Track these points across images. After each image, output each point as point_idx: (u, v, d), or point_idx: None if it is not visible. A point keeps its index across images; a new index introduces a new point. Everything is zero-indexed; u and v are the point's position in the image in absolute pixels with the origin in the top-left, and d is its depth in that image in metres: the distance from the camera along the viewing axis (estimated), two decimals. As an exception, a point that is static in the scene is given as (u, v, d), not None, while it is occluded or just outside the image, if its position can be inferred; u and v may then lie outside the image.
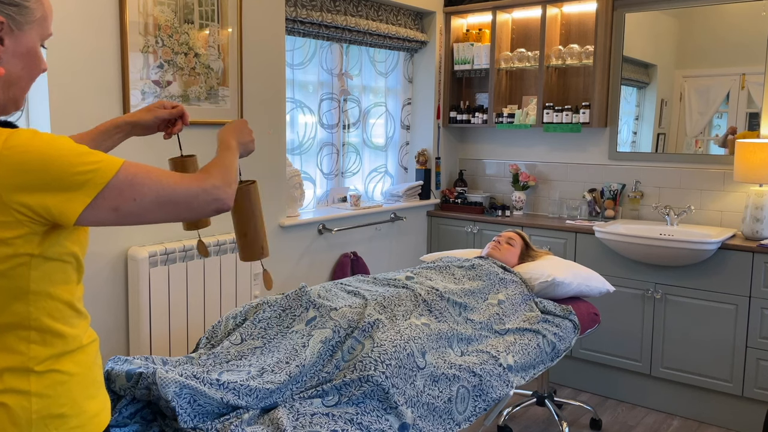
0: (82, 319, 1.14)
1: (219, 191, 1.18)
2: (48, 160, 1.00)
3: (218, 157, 1.30)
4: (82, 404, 1.11)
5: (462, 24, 4.40)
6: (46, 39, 1.13)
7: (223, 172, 1.23)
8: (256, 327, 2.08)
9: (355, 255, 3.70)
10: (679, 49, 3.65)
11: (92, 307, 2.55)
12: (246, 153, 1.46)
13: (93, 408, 1.13)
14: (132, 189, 1.07)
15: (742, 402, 3.24)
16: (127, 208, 1.07)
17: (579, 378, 3.75)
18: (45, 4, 1.11)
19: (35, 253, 1.04)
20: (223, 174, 1.22)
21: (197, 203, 1.15)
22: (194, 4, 2.76)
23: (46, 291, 1.06)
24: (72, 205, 1.02)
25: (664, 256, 3.27)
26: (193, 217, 1.17)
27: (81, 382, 1.12)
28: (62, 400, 1.08)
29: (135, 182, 1.08)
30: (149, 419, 1.67)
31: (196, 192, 1.15)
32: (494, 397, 2.10)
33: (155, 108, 1.50)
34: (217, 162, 1.27)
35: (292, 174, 3.34)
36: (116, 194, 1.06)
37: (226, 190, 1.20)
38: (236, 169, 1.29)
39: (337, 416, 1.74)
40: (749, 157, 3.21)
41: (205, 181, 1.17)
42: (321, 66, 3.74)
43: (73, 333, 1.11)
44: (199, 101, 2.83)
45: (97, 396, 1.15)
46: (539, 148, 4.21)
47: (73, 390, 1.10)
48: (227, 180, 1.22)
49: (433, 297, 2.38)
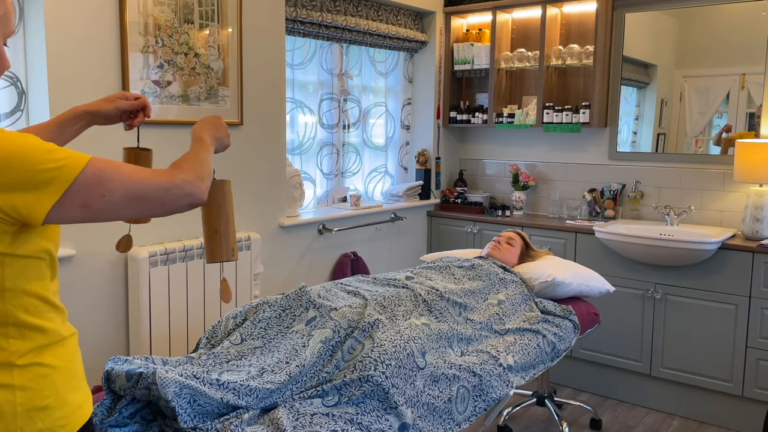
0: (58, 313, 1.14)
1: (191, 186, 1.16)
2: (13, 158, 0.99)
3: (191, 152, 1.28)
4: (65, 396, 1.12)
5: (462, 24, 4.40)
6: (9, 37, 1.12)
7: (195, 167, 1.21)
8: (256, 327, 2.08)
9: (355, 255, 3.70)
10: (679, 49, 3.66)
11: (92, 307, 2.55)
12: (221, 148, 1.44)
13: (76, 400, 1.14)
14: (100, 185, 1.06)
15: (742, 402, 3.24)
16: (97, 205, 1.06)
17: (579, 378, 3.75)
18: (7, 3, 1.10)
19: (7, 251, 1.03)
20: (195, 168, 1.20)
21: (169, 198, 1.13)
22: (194, 4, 2.76)
23: (21, 288, 1.06)
24: (39, 204, 1.01)
25: (664, 256, 3.27)
26: (164, 212, 1.15)
27: (63, 374, 1.12)
28: (46, 393, 1.09)
29: (103, 178, 1.06)
30: (149, 419, 1.67)
31: (167, 186, 1.13)
32: (494, 397, 2.10)
33: (117, 98, 1.47)
34: (189, 156, 1.25)
35: (292, 174, 3.34)
36: (84, 191, 1.04)
37: (198, 184, 1.18)
38: (209, 164, 1.26)
39: (337, 416, 1.74)
40: (749, 157, 3.21)
41: (176, 175, 1.15)
42: (321, 66, 3.74)
43: (51, 327, 1.11)
44: (199, 101, 2.83)
45: (80, 388, 1.16)
46: (539, 148, 4.21)
47: (56, 382, 1.10)
48: (200, 174, 1.20)
49: (433, 297, 2.38)
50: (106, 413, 1.62)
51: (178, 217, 2.80)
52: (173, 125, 2.75)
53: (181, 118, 2.77)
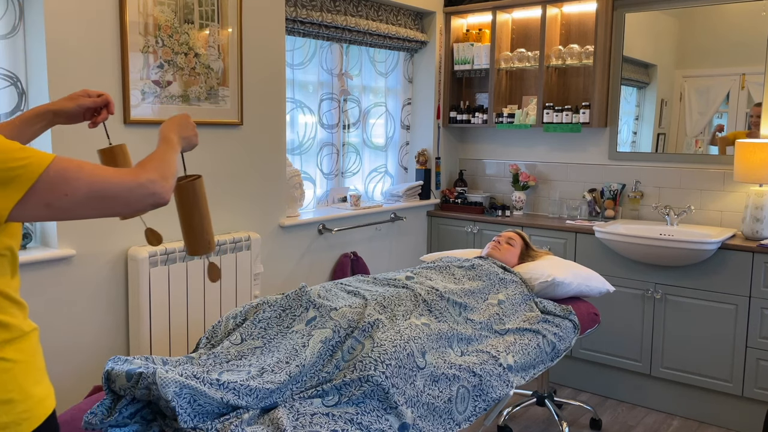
0: (20, 309, 1.15)
1: (155, 185, 1.16)
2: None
3: (157, 151, 1.28)
4: (28, 390, 1.13)
5: (462, 24, 4.40)
6: None
7: (160, 166, 1.21)
8: (256, 327, 2.08)
9: (355, 255, 3.70)
10: (679, 49, 3.66)
11: (92, 307, 2.55)
12: (189, 147, 1.44)
13: (39, 393, 1.15)
14: (64, 184, 1.06)
15: (742, 402, 3.24)
16: (60, 204, 1.07)
17: (579, 378, 3.75)
18: None
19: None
20: (160, 168, 1.20)
21: (133, 198, 1.14)
22: (194, 4, 2.76)
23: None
24: (3, 202, 1.02)
25: (664, 256, 3.27)
26: (129, 212, 1.16)
27: (25, 369, 1.13)
28: (9, 386, 1.10)
29: (67, 177, 1.07)
30: (149, 419, 1.66)
31: (130, 186, 1.13)
32: (494, 397, 2.10)
33: (79, 96, 1.47)
34: (154, 156, 1.25)
35: (292, 174, 3.34)
36: (47, 190, 1.05)
37: (162, 184, 1.18)
38: (175, 163, 1.27)
39: (337, 416, 1.74)
40: (749, 157, 3.21)
41: (140, 175, 1.16)
42: (321, 66, 3.74)
43: (13, 322, 1.13)
44: (199, 101, 2.83)
45: (42, 382, 1.17)
46: (539, 148, 4.21)
47: (18, 376, 1.12)
48: (164, 174, 1.20)
49: (433, 297, 2.38)
50: (106, 413, 1.62)
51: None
52: (173, 125, 2.75)
53: (181, 118, 2.76)
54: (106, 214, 1.14)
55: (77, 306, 2.50)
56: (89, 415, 1.61)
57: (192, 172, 2.85)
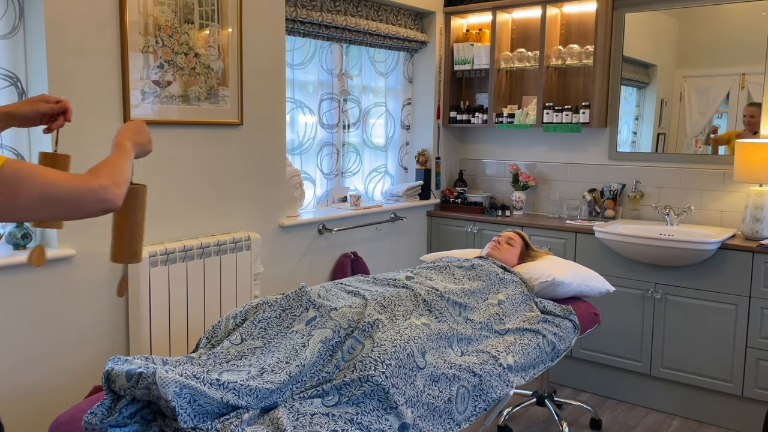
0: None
1: (106, 191, 1.18)
2: None
3: (110, 157, 1.30)
4: None
5: (462, 24, 4.40)
6: None
7: (112, 173, 1.23)
8: (256, 327, 2.08)
9: (355, 255, 3.70)
10: (679, 49, 3.65)
11: (92, 307, 2.55)
12: (143, 153, 1.46)
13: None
14: (17, 185, 1.08)
15: (742, 402, 3.24)
16: (12, 204, 1.08)
17: (579, 378, 3.75)
18: None
19: None
20: (112, 174, 1.22)
21: (83, 202, 1.15)
22: (194, 4, 2.76)
23: None
24: None
25: (664, 256, 3.27)
26: (80, 215, 1.17)
27: None
28: None
29: (20, 177, 1.08)
30: (149, 419, 1.66)
31: (81, 191, 1.15)
32: (494, 397, 2.10)
33: (37, 101, 1.48)
34: (107, 162, 1.26)
35: (292, 174, 3.34)
36: (1, 190, 1.07)
37: (114, 190, 1.20)
38: (127, 170, 1.28)
39: (337, 416, 1.74)
40: (749, 157, 3.21)
41: (92, 180, 1.17)
42: (321, 66, 3.74)
43: None
44: (199, 101, 2.83)
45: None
46: (539, 148, 4.21)
47: None
48: (116, 180, 1.22)
49: (433, 297, 2.38)
50: (106, 413, 1.62)
51: (178, 217, 2.80)
52: (173, 125, 2.75)
53: (181, 118, 2.77)
54: (57, 216, 1.15)
55: (77, 306, 2.50)
56: (89, 415, 1.61)
57: (192, 171, 2.85)
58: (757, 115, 3.41)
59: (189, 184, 2.84)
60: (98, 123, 2.50)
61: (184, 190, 2.83)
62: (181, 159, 2.80)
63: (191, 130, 2.83)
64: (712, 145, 3.58)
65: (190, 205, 2.85)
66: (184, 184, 2.82)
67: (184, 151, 2.81)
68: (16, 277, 2.31)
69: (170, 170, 2.76)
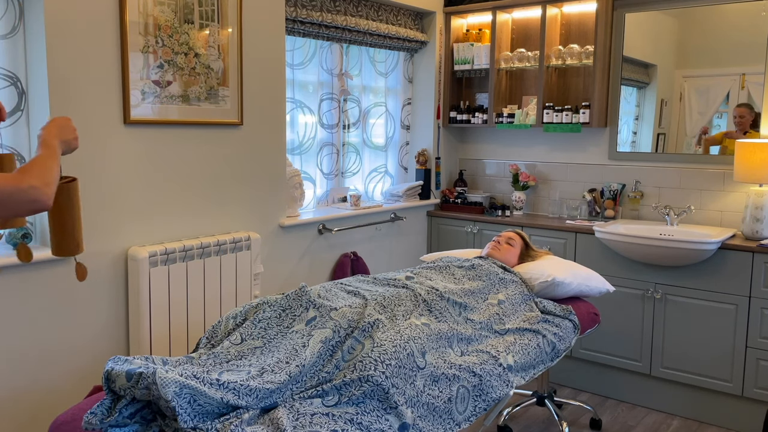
0: None
1: (36, 191, 1.21)
2: None
3: (38, 157, 1.31)
4: None
5: (462, 24, 4.40)
6: None
7: (41, 173, 1.25)
8: (256, 327, 2.08)
9: (355, 255, 3.70)
10: (679, 49, 3.65)
11: (92, 307, 2.55)
12: (69, 150, 1.47)
13: None
14: None
15: (742, 402, 3.24)
16: None
17: (579, 378, 3.75)
18: None
19: None
20: (41, 174, 1.25)
21: (13, 202, 1.19)
22: (194, 4, 2.76)
23: None
24: None
25: (664, 256, 3.27)
26: (10, 214, 1.20)
27: None
28: None
29: None
30: (149, 419, 1.66)
31: (11, 191, 1.18)
32: (494, 397, 2.10)
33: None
34: (36, 161, 1.28)
35: (292, 174, 3.34)
36: None
37: (44, 190, 1.23)
38: (55, 169, 1.30)
39: (337, 416, 1.74)
40: (749, 157, 3.21)
41: (22, 180, 1.20)
42: (321, 66, 3.74)
43: None
44: (199, 101, 2.83)
45: None
46: (539, 148, 4.21)
47: None
48: (45, 180, 1.24)
49: (433, 297, 2.38)
50: (106, 413, 1.62)
51: (178, 217, 2.80)
52: (173, 125, 2.75)
53: (182, 118, 2.77)
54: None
55: (77, 306, 2.50)
56: (89, 415, 1.61)
57: (192, 171, 2.85)
58: (746, 116, 3.43)
59: (189, 184, 2.84)
60: (98, 123, 2.49)
61: (184, 190, 2.83)
62: (181, 159, 2.80)
63: (191, 130, 2.83)
64: (703, 146, 3.59)
65: (190, 205, 2.85)
66: (184, 184, 2.82)
67: (184, 151, 2.81)
68: (16, 277, 2.31)
69: (170, 170, 2.76)
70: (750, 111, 3.42)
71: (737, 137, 3.43)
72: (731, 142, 3.48)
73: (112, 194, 2.57)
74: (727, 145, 3.51)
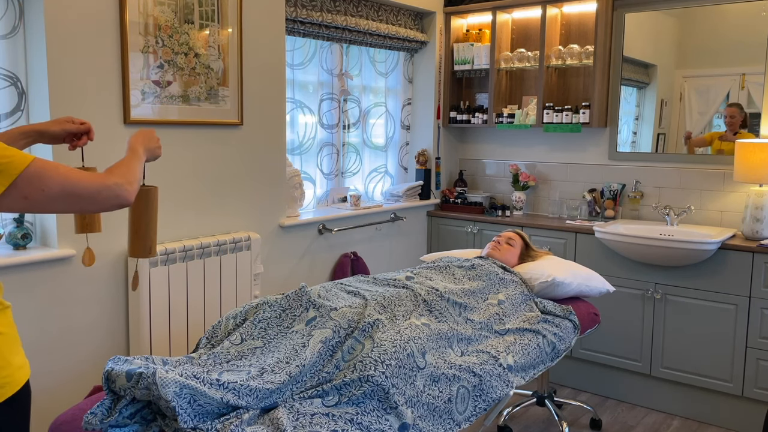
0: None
1: (120, 188, 1.35)
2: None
3: (124, 160, 1.47)
4: (8, 358, 1.31)
5: (462, 24, 4.40)
6: None
7: (125, 172, 1.40)
8: (256, 327, 2.08)
9: (355, 255, 3.70)
10: (679, 49, 3.66)
11: (92, 307, 2.55)
12: (153, 158, 1.64)
13: (18, 362, 1.34)
14: (41, 181, 1.22)
15: (742, 402, 3.24)
16: (36, 197, 1.22)
17: (579, 378, 3.75)
18: None
19: None
20: (125, 174, 1.40)
21: (100, 197, 1.32)
22: (194, 4, 2.76)
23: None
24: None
25: (664, 256, 3.27)
26: (96, 209, 1.34)
27: (6, 339, 1.31)
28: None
29: (44, 175, 1.23)
30: (149, 419, 1.66)
31: (98, 188, 1.31)
32: (494, 397, 2.10)
33: (64, 121, 1.65)
34: (121, 163, 1.45)
35: (292, 174, 3.34)
36: (27, 184, 1.21)
37: (126, 188, 1.37)
38: (138, 171, 1.47)
39: (337, 416, 1.74)
40: (749, 157, 3.21)
41: (108, 178, 1.34)
42: (321, 66, 3.74)
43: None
44: (199, 101, 2.83)
45: (20, 353, 1.36)
46: (539, 148, 4.21)
47: (2, 346, 1.30)
48: (129, 179, 1.39)
49: (433, 297, 2.38)
50: (106, 413, 1.62)
51: (178, 217, 2.80)
52: (173, 125, 2.75)
53: (182, 118, 2.77)
54: (76, 210, 1.32)
55: (77, 306, 2.50)
56: (89, 415, 1.61)
57: (192, 171, 2.85)
58: (737, 116, 3.45)
59: (189, 184, 2.84)
60: (98, 123, 2.49)
61: (184, 190, 2.83)
62: (181, 159, 2.80)
63: (191, 130, 2.83)
64: (688, 149, 3.61)
65: (190, 205, 2.85)
66: (184, 184, 2.82)
67: (184, 151, 2.81)
68: (16, 277, 2.31)
69: (170, 170, 2.76)
70: (740, 111, 3.44)
71: (729, 138, 3.44)
72: (723, 143, 3.49)
73: (112, 194, 2.56)
74: (721, 147, 3.52)
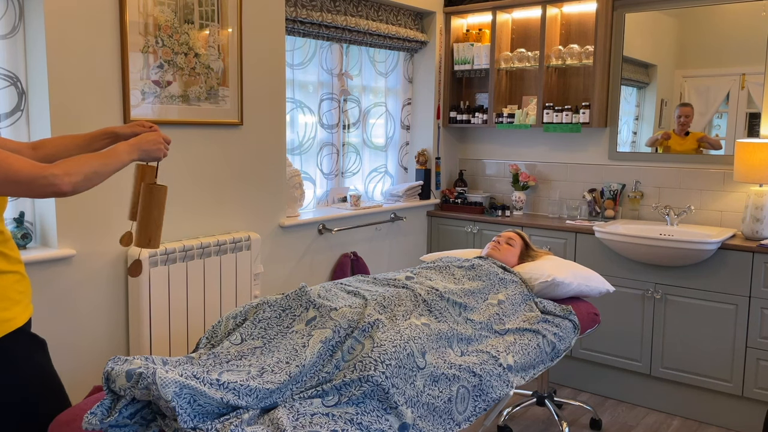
0: None
1: (55, 178, 1.44)
2: None
3: (90, 153, 1.57)
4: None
5: (462, 24, 4.40)
6: None
7: (71, 165, 1.48)
8: (256, 327, 2.08)
9: (355, 255, 3.70)
10: (679, 49, 3.66)
11: (92, 307, 2.55)
12: (149, 158, 1.72)
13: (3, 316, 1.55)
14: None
15: (742, 402, 3.24)
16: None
17: (579, 378, 3.75)
18: None
19: None
20: (71, 166, 1.47)
21: (35, 185, 1.43)
22: (194, 4, 2.76)
23: None
24: None
25: (664, 256, 3.27)
26: (33, 195, 1.45)
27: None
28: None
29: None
30: (149, 419, 1.66)
31: (35, 176, 1.42)
32: (494, 397, 2.10)
33: (135, 125, 1.81)
34: (79, 156, 1.53)
35: (292, 174, 3.34)
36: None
37: (64, 179, 1.45)
38: (92, 164, 1.52)
39: (337, 416, 1.74)
40: (749, 157, 3.21)
41: (45, 169, 1.44)
42: (321, 66, 3.74)
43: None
44: (199, 101, 2.83)
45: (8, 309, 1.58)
46: (539, 148, 4.21)
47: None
48: (70, 171, 1.46)
49: (433, 297, 2.38)
50: (106, 413, 1.62)
51: (178, 217, 2.80)
52: (173, 125, 2.75)
53: (181, 118, 2.77)
54: (16, 195, 1.45)
55: (77, 306, 2.50)
56: (89, 415, 1.61)
57: (192, 171, 2.85)
58: (690, 116, 3.51)
59: (189, 184, 2.84)
60: (98, 123, 2.49)
61: (184, 190, 2.83)
62: (181, 159, 2.80)
63: (191, 130, 2.83)
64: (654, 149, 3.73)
65: (190, 205, 2.85)
66: (184, 184, 2.82)
67: (184, 151, 2.81)
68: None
69: (170, 170, 2.76)
70: (693, 111, 3.52)
71: (679, 137, 3.56)
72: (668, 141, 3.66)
73: (111, 194, 2.57)
74: (670, 145, 3.66)
